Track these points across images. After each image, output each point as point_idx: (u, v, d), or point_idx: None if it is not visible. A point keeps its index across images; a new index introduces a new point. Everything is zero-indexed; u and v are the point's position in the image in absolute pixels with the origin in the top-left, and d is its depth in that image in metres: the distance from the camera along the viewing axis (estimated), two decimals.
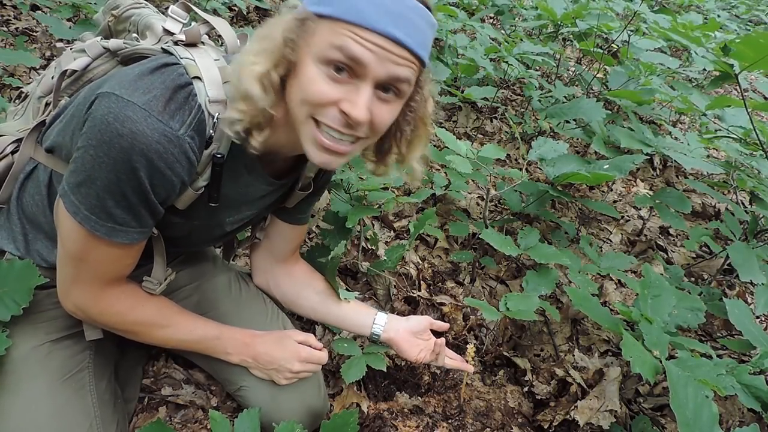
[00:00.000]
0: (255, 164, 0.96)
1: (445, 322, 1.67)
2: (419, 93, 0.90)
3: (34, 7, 2.66)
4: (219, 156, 0.87)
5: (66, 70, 0.97)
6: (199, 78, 0.83)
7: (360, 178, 1.69)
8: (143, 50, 0.93)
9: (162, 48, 0.90)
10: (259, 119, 0.83)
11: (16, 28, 2.69)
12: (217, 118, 0.84)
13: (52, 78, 1.00)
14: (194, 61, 0.85)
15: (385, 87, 0.81)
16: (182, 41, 0.90)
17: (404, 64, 0.79)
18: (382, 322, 1.29)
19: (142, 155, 0.77)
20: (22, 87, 2.12)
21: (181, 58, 0.85)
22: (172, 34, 0.94)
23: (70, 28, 2.03)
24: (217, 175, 0.90)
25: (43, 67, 2.37)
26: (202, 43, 0.93)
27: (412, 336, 1.29)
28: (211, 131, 0.84)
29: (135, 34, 1.01)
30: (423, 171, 1.02)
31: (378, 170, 1.01)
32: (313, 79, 0.78)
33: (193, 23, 0.98)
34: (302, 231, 1.29)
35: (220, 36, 0.98)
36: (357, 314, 1.30)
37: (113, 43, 0.98)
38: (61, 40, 2.54)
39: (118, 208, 0.82)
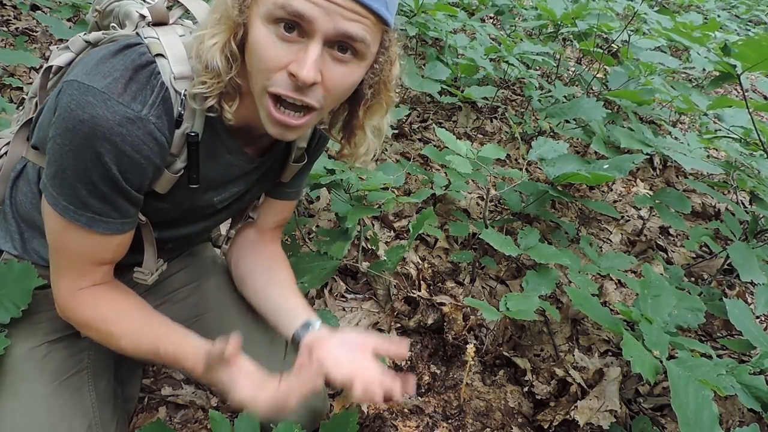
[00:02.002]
0: (233, 143, 0.94)
1: (445, 322, 1.68)
2: (383, 55, 0.85)
3: (34, 7, 2.67)
4: (193, 134, 0.85)
5: (50, 67, 0.96)
6: (162, 55, 0.81)
7: (360, 178, 1.69)
8: (119, 37, 0.91)
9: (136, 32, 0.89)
10: (227, 89, 0.82)
11: (16, 28, 2.70)
12: (184, 95, 0.82)
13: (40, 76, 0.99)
14: (158, 38, 0.83)
15: (341, 45, 0.77)
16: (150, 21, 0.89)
17: (356, 19, 0.74)
18: (308, 329, 1.01)
19: (105, 140, 0.75)
20: (22, 87, 2.12)
21: (145, 38, 0.83)
22: (146, 17, 0.92)
23: (70, 28, 2.04)
24: (194, 154, 0.87)
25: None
26: (181, 24, 0.91)
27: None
28: (180, 109, 0.82)
29: (114, 25, 1.01)
30: (376, 143, 0.97)
31: (345, 150, 0.97)
32: (262, 43, 0.75)
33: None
34: (291, 206, 1.22)
35: None
36: (291, 312, 1.06)
37: (93, 35, 0.96)
38: (60, 40, 2.54)
39: (92, 198, 0.81)
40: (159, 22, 0.88)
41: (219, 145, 0.92)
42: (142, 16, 0.91)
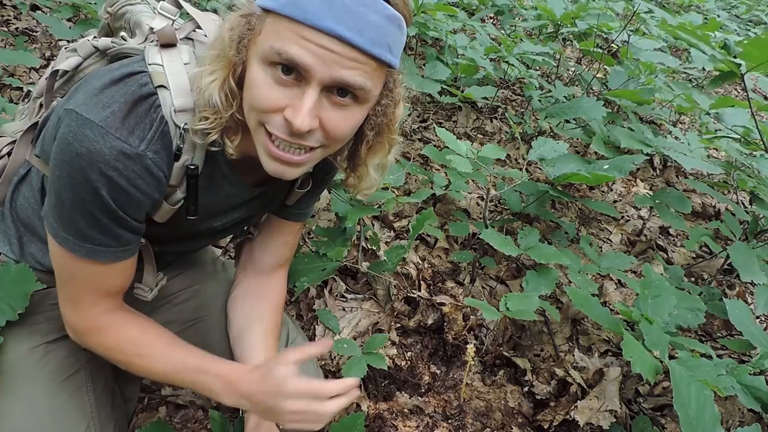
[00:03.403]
0: (234, 174, 0.92)
1: (445, 322, 1.68)
2: (387, 96, 0.83)
3: (34, 7, 2.67)
4: (192, 167, 0.83)
5: (57, 71, 0.95)
6: (164, 86, 0.79)
7: None
8: (128, 50, 0.91)
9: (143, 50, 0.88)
10: (229, 124, 0.81)
11: (16, 28, 2.70)
12: (184, 128, 0.80)
13: (45, 79, 0.98)
14: (162, 66, 0.81)
15: (340, 90, 0.74)
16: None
17: (354, 67, 0.71)
18: None
19: (101, 174, 0.74)
20: (22, 87, 2.12)
21: (149, 65, 0.81)
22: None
23: (70, 28, 2.03)
24: (193, 187, 0.86)
25: (44, 67, 2.38)
26: (190, 40, 0.90)
27: None
28: (179, 143, 0.80)
29: (123, 33, 1.00)
30: (380, 180, 0.96)
31: (350, 181, 0.96)
32: (258, 84, 0.73)
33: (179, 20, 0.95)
34: (295, 229, 1.19)
35: None
36: None
37: (102, 42, 0.95)
38: (61, 40, 2.54)
39: (91, 230, 0.80)
40: (166, 44, 0.85)
41: (219, 176, 0.91)
42: (152, 30, 0.89)
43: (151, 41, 0.89)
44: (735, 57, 1.62)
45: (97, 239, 0.81)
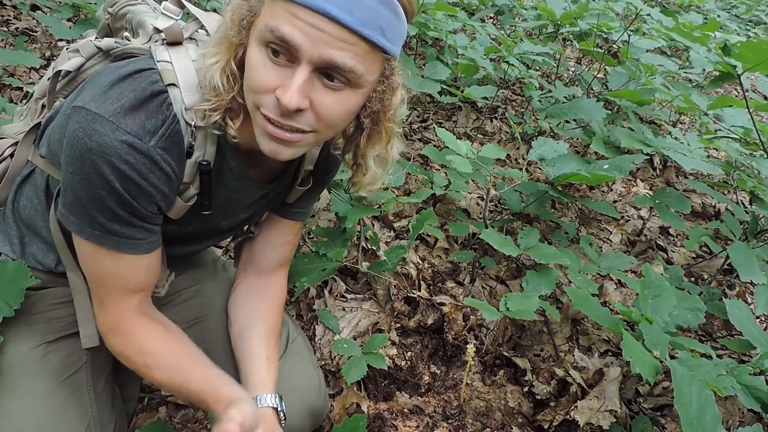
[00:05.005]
0: (241, 168, 0.93)
1: (445, 322, 1.68)
2: (382, 83, 0.82)
3: (34, 7, 2.67)
4: (205, 163, 0.85)
5: (59, 71, 0.96)
6: (174, 84, 0.80)
7: None
8: (132, 50, 0.91)
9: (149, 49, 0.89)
10: (231, 106, 0.82)
11: (16, 28, 2.70)
12: (196, 126, 0.81)
13: (48, 79, 0.98)
14: (171, 64, 0.82)
15: (328, 73, 0.74)
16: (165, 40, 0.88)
17: (343, 48, 0.71)
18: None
19: (113, 167, 0.75)
20: (22, 87, 2.12)
21: (158, 62, 0.82)
22: (161, 32, 0.91)
23: (70, 28, 2.03)
24: (207, 182, 0.88)
25: (44, 67, 2.38)
26: (194, 40, 0.91)
27: None
28: (191, 140, 0.82)
29: (126, 33, 1.00)
30: (381, 173, 0.96)
31: (354, 178, 0.97)
32: (254, 65, 0.74)
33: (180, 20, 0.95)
34: (295, 228, 1.20)
35: None
36: (253, 376, 1.06)
37: (105, 42, 0.96)
38: (61, 40, 2.54)
39: (114, 224, 0.81)
40: (173, 42, 0.87)
41: (227, 170, 0.92)
42: (157, 30, 0.90)
43: (156, 41, 0.89)
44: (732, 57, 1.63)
45: (122, 232, 0.83)
